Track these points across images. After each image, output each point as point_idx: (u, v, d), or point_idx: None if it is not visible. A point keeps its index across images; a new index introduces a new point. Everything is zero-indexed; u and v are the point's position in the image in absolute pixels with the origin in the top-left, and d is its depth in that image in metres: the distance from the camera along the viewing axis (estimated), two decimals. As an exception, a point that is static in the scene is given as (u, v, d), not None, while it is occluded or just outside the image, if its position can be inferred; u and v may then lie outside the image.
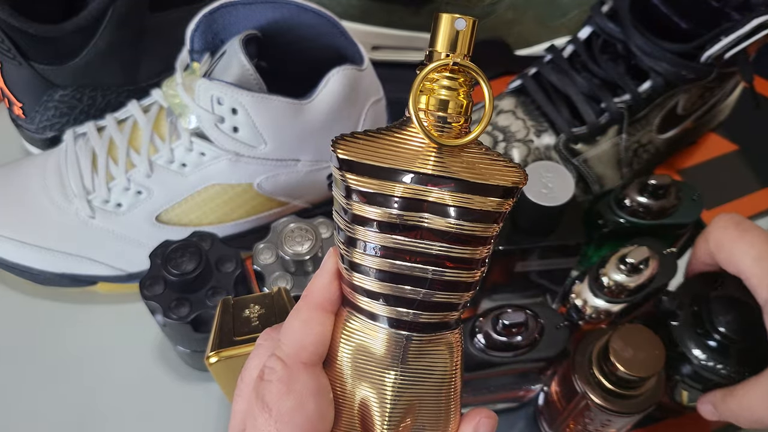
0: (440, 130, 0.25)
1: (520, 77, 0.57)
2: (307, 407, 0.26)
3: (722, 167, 0.64)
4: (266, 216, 0.55)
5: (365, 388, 0.27)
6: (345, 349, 0.27)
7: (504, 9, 0.64)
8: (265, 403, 0.26)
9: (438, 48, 0.25)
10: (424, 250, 0.25)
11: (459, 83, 0.25)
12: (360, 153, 0.25)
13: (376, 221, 0.25)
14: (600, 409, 0.43)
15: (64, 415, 0.51)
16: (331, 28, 0.50)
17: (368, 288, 0.26)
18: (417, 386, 0.27)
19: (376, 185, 0.25)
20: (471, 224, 0.25)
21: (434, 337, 0.27)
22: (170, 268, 0.45)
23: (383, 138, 0.25)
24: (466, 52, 0.25)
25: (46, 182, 0.52)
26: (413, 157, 0.25)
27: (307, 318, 0.27)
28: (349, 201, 0.25)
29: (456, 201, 0.25)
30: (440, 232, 0.25)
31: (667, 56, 0.51)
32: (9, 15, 0.49)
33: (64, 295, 0.55)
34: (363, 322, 0.27)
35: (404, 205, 0.25)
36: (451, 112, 0.25)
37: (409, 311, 0.26)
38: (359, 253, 0.26)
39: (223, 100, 0.47)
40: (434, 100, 0.25)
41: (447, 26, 0.24)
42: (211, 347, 0.39)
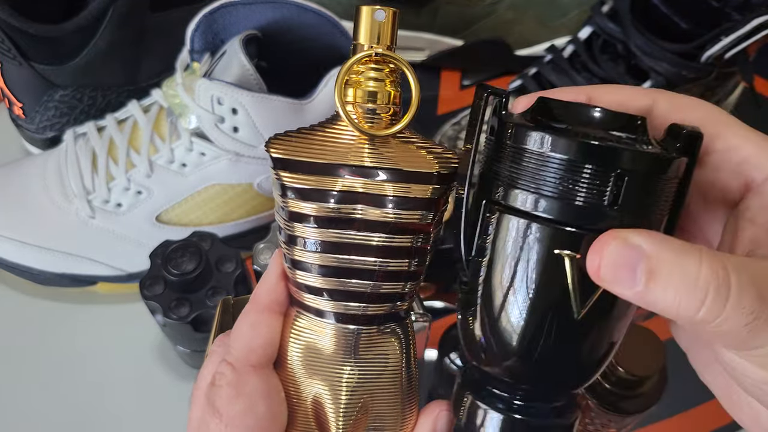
0: (370, 121, 0.25)
1: (520, 77, 0.57)
2: (257, 409, 0.26)
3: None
4: (266, 216, 0.55)
5: (318, 385, 0.27)
6: (295, 348, 0.27)
7: (504, 9, 0.64)
8: (216, 408, 0.26)
9: (361, 40, 0.25)
10: (365, 242, 0.25)
11: (385, 74, 0.25)
12: (293, 150, 0.25)
13: (313, 216, 0.25)
14: (600, 409, 0.43)
15: (64, 415, 0.51)
16: (332, 28, 0.50)
17: (312, 284, 0.26)
18: (370, 380, 0.27)
19: (310, 181, 0.25)
20: (409, 213, 0.25)
21: (383, 329, 0.27)
22: (170, 268, 0.45)
23: (316, 134, 0.25)
24: (389, 43, 0.25)
25: (46, 182, 0.52)
26: (346, 151, 0.25)
27: (255, 321, 0.27)
28: (286, 199, 0.25)
29: (392, 190, 0.25)
30: (379, 223, 0.25)
31: (667, 56, 0.51)
32: (9, 15, 0.49)
33: (64, 295, 0.55)
34: (310, 319, 0.27)
35: (339, 198, 0.25)
36: (379, 103, 0.25)
37: (355, 305, 0.26)
38: (300, 250, 0.26)
39: (223, 100, 0.47)
40: (362, 92, 0.25)
41: (368, 18, 0.25)
42: (210, 347, 0.39)
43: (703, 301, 0.20)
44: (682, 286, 0.20)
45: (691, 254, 0.20)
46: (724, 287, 0.20)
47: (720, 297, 0.20)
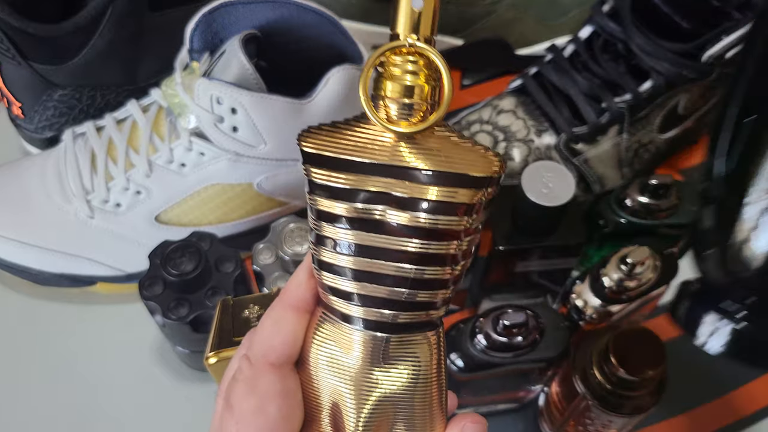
0: (404, 117, 0.23)
1: (521, 77, 0.57)
2: (268, 410, 0.25)
3: (723, 167, 0.64)
4: (266, 216, 0.54)
5: (339, 391, 0.26)
6: (318, 351, 0.26)
7: (505, 8, 0.63)
8: (230, 403, 0.26)
9: (398, 30, 0.23)
10: (398, 246, 0.24)
11: (420, 67, 0.23)
12: (325, 145, 0.23)
13: (343, 217, 0.24)
14: (600, 409, 0.43)
15: (64, 415, 0.51)
16: (331, 28, 0.50)
17: (340, 288, 0.25)
18: (396, 390, 0.25)
19: (342, 179, 0.23)
20: (445, 217, 0.23)
21: (413, 337, 0.25)
22: (169, 269, 0.45)
23: (351, 129, 0.24)
24: (428, 34, 0.23)
25: (45, 182, 0.52)
26: (381, 149, 0.23)
27: (278, 317, 0.26)
28: (313, 196, 0.24)
29: (428, 193, 0.23)
30: (412, 228, 0.23)
31: (668, 56, 0.51)
32: (8, 14, 0.49)
33: (64, 295, 0.55)
34: (336, 323, 0.25)
35: (371, 198, 0.23)
36: (416, 97, 0.23)
37: (386, 312, 0.24)
38: (327, 251, 0.24)
39: (223, 100, 0.47)
40: (396, 85, 0.23)
41: (405, 6, 0.22)
42: (210, 348, 0.39)
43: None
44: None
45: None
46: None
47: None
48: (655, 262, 0.45)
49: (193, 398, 0.52)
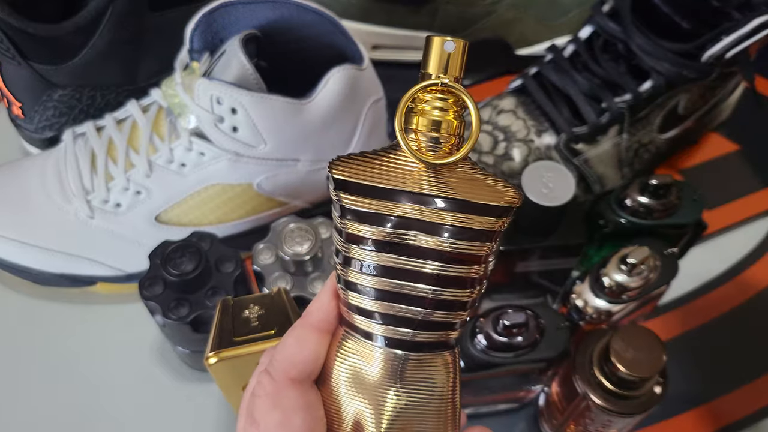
0: (433, 150, 0.25)
1: (521, 77, 0.57)
2: (293, 423, 0.26)
3: (723, 167, 0.64)
4: (266, 216, 0.54)
5: (360, 407, 0.27)
6: (340, 368, 0.27)
7: (505, 8, 0.63)
8: (254, 418, 0.26)
9: (429, 70, 0.25)
10: (419, 269, 0.25)
11: (449, 104, 0.25)
12: (355, 173, 0.25)
13: (371, 240, 0.25)
14: (601, 409, 0.43)
15: (64, 415, 0.51)
16: (331, 28, 0.50)
17: (364, 307, 0.26)
18: (413, 407, 0.27)
19: (370, 205, 0.25)
20: (466, 243, 0.25)
21: (431, 356, 0.27)
22: (170, 269, 0.45)
23: (379, 158, 0.25)
24: (457, 74, 0.25)
25: (45, 182, 0.52)
26: (407, 178, 0.25)
27: (301, 336, 0.27)
28: (344, 221, 0.26)
29: (451, 220, 0.25)
30: (435, 252, 0.25)
31: (668, 56, 0.51)
32: (8, 14, 0.49)
33: (64, 295, 0.55)
34: (359, 341, 0.27)
35: (398, 224, 0.25)
36: (443, 132, 0.25)
37: (405, 330, 0.26)
38: (354, 272, 0.26)
39: (223, 100, 0.47)
40: (425, 120, 0.25)
41: (437, 48, 0.25)
42: (210, 348, 0.39)
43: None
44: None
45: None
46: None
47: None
48: (655, 262, 0.45)
49: (193, 398, 0.52)
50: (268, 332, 0.39)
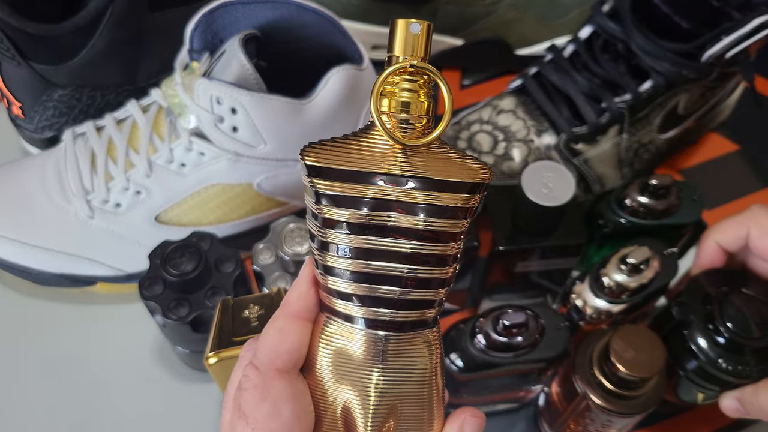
0: (404, 131, 0.25)
1: (521, 77, 0.57)
2: (282, 413, 0.26)
3: (723, 167, 0.64)
4: (266, 216, 0.54)
5: (346, 391, 0.27)
6: (324, 353, 0.27)
7: (505, 8, 0.63)
8: (242, 411, 0.26)
9: (396, 52, 0.26)
10: (395, 248, 0.26)
11: (419, 85, 0.26)
12: (327, 158, 0.25)
13: (347, 223, 0.25)
14: (601, 409, 0.43)
15: (64, 415, 0.51)
16: (331, 28, 0.50)
17: (343, 290, 0.26)
18: (398, 386, 0.27)
19: (344, 188, 0.25)
20: (440, 221, 0.25)
21: (412, 336, 0.27)
22: (169, 269, 0.45)
23: (350, 143, 0.26)
24: (423, 55, 0.25)
25: (45, 182, 0.52)
26: (380, 159, 0.25)
27: (283, 326, 0.27)
28: (319, 206, 0.26)
29: (424, 199, 0.25)
30: (410, 231, 0.25)
31: (668, 56, 0.51)
32: (8, 15, 0.49)
33: (64, 295, 0.55)
34: (340, 325, 0.27)
35: (373, 205, 0.25)
36: (413, 113, 0.25)
37: (384, 311, 0.26)
38: (332, 256, 0.26)
39: (223, 100, 0.47)
40: (396, 102, 0.25)
41: (403, 31, 0.25)
42: (210, 348, 0.39)
43: None
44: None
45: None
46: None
47: None
48: (654, 262, 0.45)
49: (193, 398, 0.51)
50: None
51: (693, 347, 0.42)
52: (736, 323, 0.41)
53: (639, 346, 0.41)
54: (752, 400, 0.41)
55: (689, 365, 0.43)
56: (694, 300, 0.44)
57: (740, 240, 0.44)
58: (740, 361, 0.41)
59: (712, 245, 0.45)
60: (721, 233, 0.44)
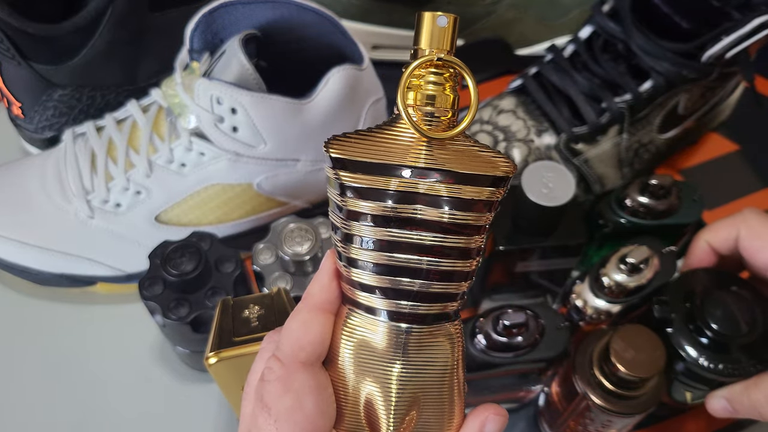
0: (429, 124, 0.25)
1: (521, 77, 0.57)
2: (305, 405, 0.26)
3: (723, 167, 0.64)
4: (266, 216, 0.54)
5: (369, 383, 0.27)
6: (347, 345, 0.27)
7: (505, 8, 0.63)
8: (265, 402, 0.26)
9: (422, 45, 0.25)
10: (419, 241, 0.26)
11: (444, 78, 0.26)
12: (352, 151, 0.25)
13: (371, 215, 0.25)
14: (600, 409, 0.43)
15: (64, 415, 0.51)
16: (331, 28, 0.50)
17: (366, 282, 0.26)
18: (420, 378, 0.27)
19: (369, 180, 0.25)
20: (463, 213, 0.25)
21: (434, 328, 0.27)
22: (169, 269, 0.45)
23: (374, 136, 0.26)
24: (449, 48, 0.25)
25: (45, 182, 0.52)
26: (404, 152, 0.25)
27: (306, 319, 0.27)
28: (344, 198, 0.26)
29: (448, 192, 0.25)
30: (434, 223, 0.25)
31: (668, 56, 0.51)
32: (8, 15, 0.49)
33: (64, 295, 0.55)
34: (363, 317, 0.27)
35: (397, 198, 0.25)
36: (438, 106, 0.25)
37: (407, 303, 0.26)
38: (356, 248, 0.26)
39: (223, 100, 0.47)
40: (421, 95, 0.25)
41: (429, 24, 0.25)
42: (210, 348, 0.39)
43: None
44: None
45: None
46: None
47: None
48: (654, 261, 0.45)
49: (193, 398, 0.51)
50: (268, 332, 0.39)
51: (675, 346, 0.42)
52: (718, 320, 0.41)
53: (639, 346, 0.41)
54: (742, 399, 0.40)
55: (674, 364, 0.43)
56: (676, 298, 0.43)
57: (730, 241, 0.43)
58: (724, 359, 0.41)
59: (702, 245, 0.45)
60: (712, 233, 0.44)
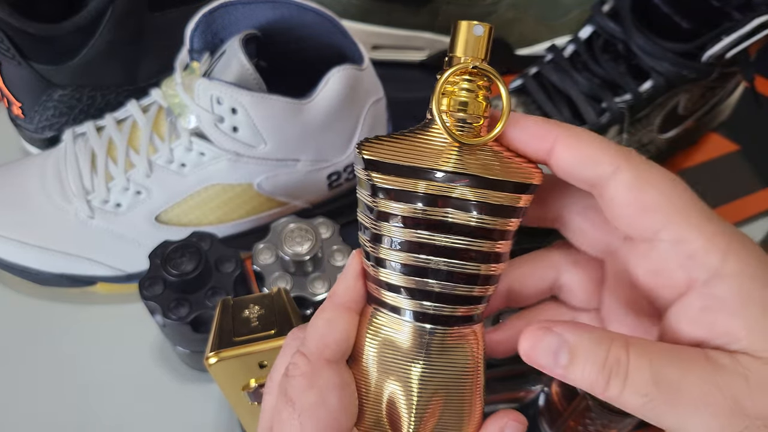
0: (461, 129, 0.26)
1: (521, 77, 0.57)
2: (329, 401, 0.26)
3: (723, 167, 0.64)
4: (266, 216, 0.54)
5: (392, 382, 0.27)
6: (371, 344, 0.28)
7: (505, 8, 0.63)
8: (289, 397, 0.27)
9: (457, 53, 0.26)
10: (447, 244, 0.26)
11: (477, 86, 0.26)
12: (385, 153, 0.26)
13: (401, 216, 0.26)
14: (601, 409, 0.43)
15: (63, 416, 0.51)
16: (331, 28, 0.50)
17: (393, 282, 0.27)
18: (441, 379, 0.27)
19: (400, 183, 0.26)
20: (491, 218, 0.26)
21: (456, 330, 0.27)
22: (170, 269, 0.45)
23: (406, 139, 0.26)
24: (483, 57, 0.26)
25: (45, 182, 0.52)
26: (436, 156, 0.26)
27: (331, 317, 0.28)
28: (375, 199, 0.26)
29: (476, 197, 0.26)
30: (462, 227, 0.26)
31: (668, 56, 0.51)
32: (8, 15, 0.49)
33: (64, 295, 0.55)
34: (388, 316, 0.27)
35: (428, 200, 0.26)
36: (470, 112, 0.26)
37: (431, 304, 0.27)
38: (385, 248, 0.27)
39: (223, 100, 0.47)
40: (455, 101, 0.26)
41: (465, 33, 0.26)
42: (210, 348, 0.39)
43: (607, 381, 0.24)
44: (593, 369, 0.24)
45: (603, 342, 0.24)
46: (623, 371, 0.23)
47: (619, 379, 0.23)
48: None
49: (193, 398, 0.52)
50: (268, 332, 0.39)
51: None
52: None
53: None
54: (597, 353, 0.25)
55: None
56: None
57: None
58: None
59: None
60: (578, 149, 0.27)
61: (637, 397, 0.23)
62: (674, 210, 0.25)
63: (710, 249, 0.24)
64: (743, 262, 0.24)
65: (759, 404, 0.23)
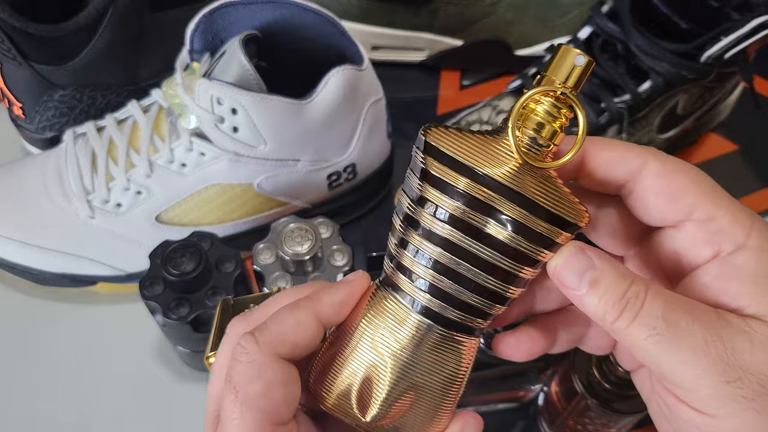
0: (528, 148, 0.26)
1: (520, 77, 0.57)
2: (274, 395, 0.26)
3: (722, 167, 0.64)
4: (266, 216, 0.55)
5: (376, 362, 0.27)
6: (369, 322, 0.28)
7: (504, 9, 0.64)
8: (233, 384, 0.26)
9: (551, 75, 0.26)
10: (476, 251, 0.26)
11: (558, 113, 0.26)
12: (447, 144, 0.26)
13: (442, 209, 0.26)
14: (600, 409, 0.43)
15: (64, 415, 0.51)
16: (331, 28, 0.50)
17: (415, 271, 0.27)
18: (422, 377, 0.28)
19: (452, 177, 0.26)
20: (527, 243, 0.26)
21: (453, 336, 0.27)
22: (170, 268, 0.45)
23: (473, 138, 0.26)
24: (574, 86, 0.26)
25: (46, 182, 0.52)
26: (495, 165, 0.26)
27: (304, 321, 0.27)
28: (423, 184, 0.26)
29: (520, 217, 0.26)
30: (497, 241, 0.26)
31: (667, 56, 0.51)
32: (9, 15, 0.49)
33: (64, 295, 0.55)
34: (397, 303, 0.27)
35: (473, 204, 0.26)
36: (543, 135, 0.26)
37: (440, 303, 0.27)
38: (416, 235, 0.26)
39: (223, 100, 0.47)
40: (532, 120, 0.26)
41: (565, 57, 0.26)
42: (210, 347, 0.39)
43: (620, 313, 0.25)
44: (611, 299, 0.25)
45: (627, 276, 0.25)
46: (638, 306, 0.25)
47: (631, 312, 0.25)
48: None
49: (193, 398, 0.52)
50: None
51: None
52: None
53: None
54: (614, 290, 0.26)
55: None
56: None
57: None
58: None
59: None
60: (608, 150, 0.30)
61: (645, 329, 0.24)
62: (701, 192, 0.27)
63: (736, 225, 0.26)
64: (765, 239, 0.26)
65: (758, 360, 0.24)
